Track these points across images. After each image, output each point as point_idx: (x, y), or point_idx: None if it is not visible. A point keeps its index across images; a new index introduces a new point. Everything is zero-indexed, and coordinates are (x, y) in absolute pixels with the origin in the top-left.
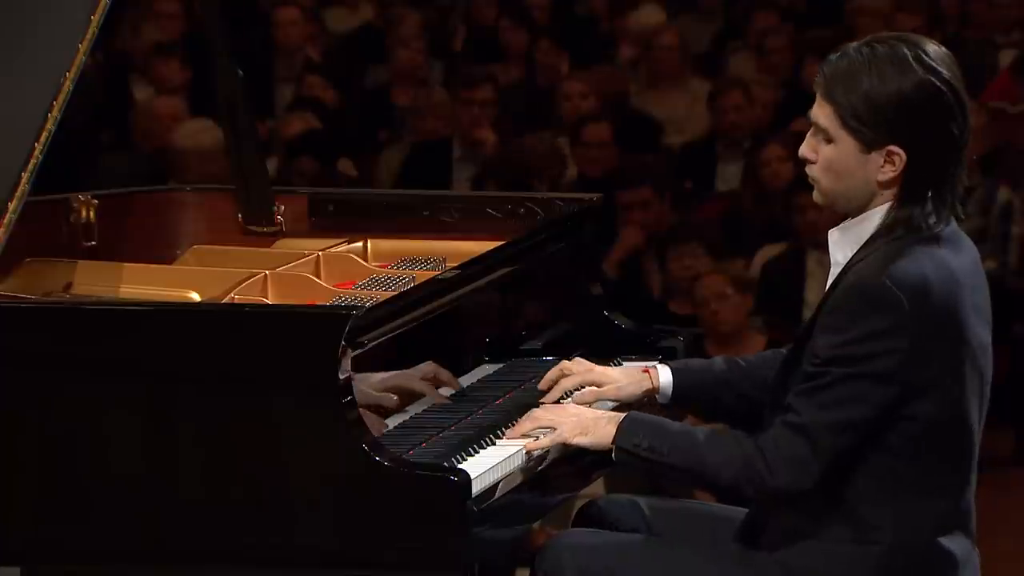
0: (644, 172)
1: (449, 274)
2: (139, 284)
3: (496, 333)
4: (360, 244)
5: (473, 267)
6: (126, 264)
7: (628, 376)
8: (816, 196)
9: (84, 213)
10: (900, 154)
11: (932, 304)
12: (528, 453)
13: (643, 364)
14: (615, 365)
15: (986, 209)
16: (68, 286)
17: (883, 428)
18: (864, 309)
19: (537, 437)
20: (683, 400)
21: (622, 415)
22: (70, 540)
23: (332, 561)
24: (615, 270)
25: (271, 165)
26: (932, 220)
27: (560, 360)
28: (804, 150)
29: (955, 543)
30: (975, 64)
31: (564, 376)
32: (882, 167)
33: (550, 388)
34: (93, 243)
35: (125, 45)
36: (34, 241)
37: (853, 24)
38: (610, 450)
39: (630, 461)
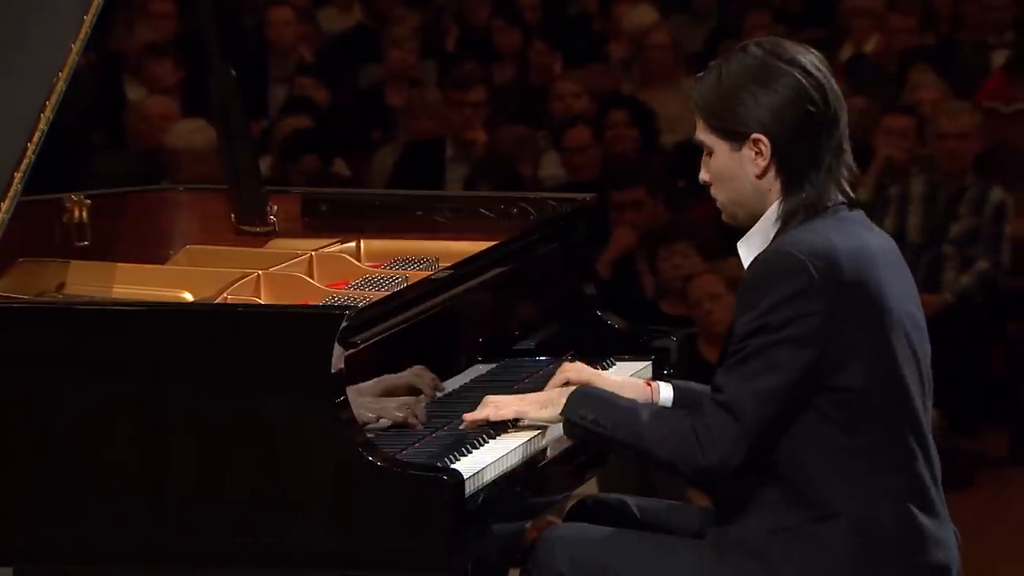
0: (637, 172)
1: (442, 274)
2: (132, 284)
3: (489, 333)
4: (353, 244)
5: (466, 267)
6: (119, 264)
7: (630, 385)
8: (724, 217)
9: (77, 213)
10: (763, 139)
11: (841, 269)
12: (519, 447)
13: (646, 378)
14: (608, 365)
15: (979, 209)
16: (61, 286)
17: (818, 400)
18: (770, 279)
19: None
20: None
21: (575, 388)
22: (63, 540)
23: (326, 561)
24: (608, 270)
25: (265, 165)
26: (820, 199)
27: (554, 361)
28: (701, 175)
29: (925, 519)
30: (968, 65)
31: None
32: (754, 160)
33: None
34: (86, 243)
35: (119, 45)
36: (27, 241)
37: (846, 25)
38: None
39: (577, 433)
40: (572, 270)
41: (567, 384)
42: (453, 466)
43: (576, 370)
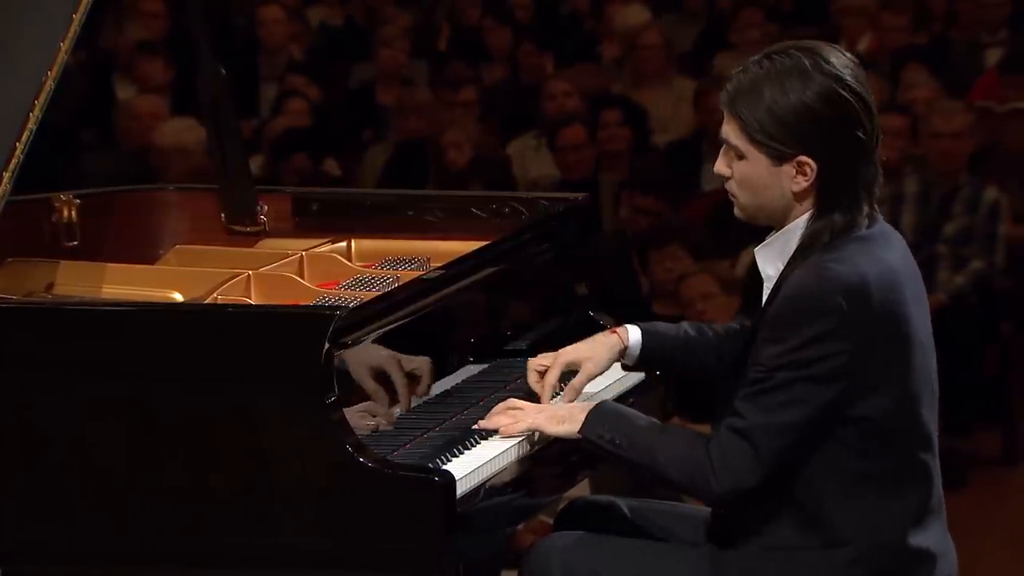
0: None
1: (433, 274)
2: (121, 284)
3: (481, 333)
4: (344, 244)
5: (457, 267)
6: (108, 264)
7: (598, 344)
8: (737, 212)
9: (66, 213)
10: (810, 164)
11: (872, 302)
12: (511, 448)
13: (629, 391)
14: None
15: (973, 209)
16: (50, 286)
17: (838, 429)
18: (804, 317)
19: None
20: (648, 361)
21: (593, 404)
22: (53, 541)
23: (316, 562)
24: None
25: (255, 164)
26: (851, 223)
27: None
28: (719, 166)
29: (929, 536)
30: (961, 64)
31: (541, 378)
32: (795, 178)
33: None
34: (75, 243)
35: (108, 43)
36: (16, 241)
37: (839, 23)
38: (579, 439)
39: (595, 452)
40: (564, 270)
41: (551, 382)
42: (445, 467)
43: (547, 364)
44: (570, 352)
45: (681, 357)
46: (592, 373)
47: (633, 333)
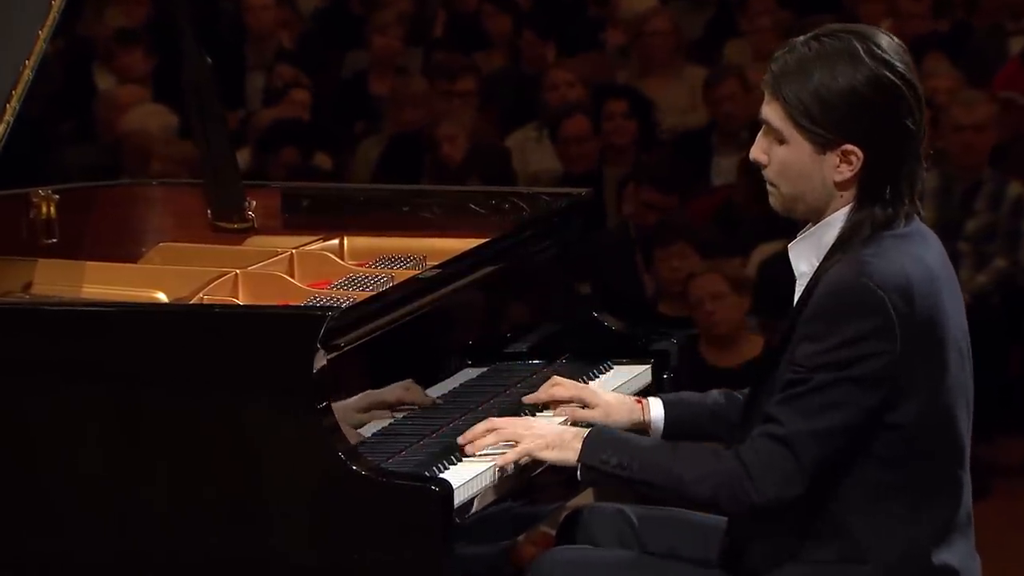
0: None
1: (429, 273)
2: (102, 284)
3: (479, 336)
4: (336, 242)
5: (455, 266)
6: (89, 263)
7: (619, 402)
8: (773, 203)
9: (44, 209)
10: (856, 152)
11: (915, 302)
12: (502, 467)
13: (636, 395)
14: (605, 369)
15: (996, 204)
16: (28, 286)
17: (870, 437)
18: (846, 313)
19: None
20: (675, 435)
21: (587, 431)
22: (36, 546)
23: (308, 573)
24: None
25: (242, 158)
26: (892, 217)
27: (547, 364)
28: (755, 152)
29: (953, 553)
30: (984, 52)
31: (555, 387)
32: (838, 167)
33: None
34: (54, 240)
35: (87, 31)
36: None
37: (855, 10)
38: (576, 468)
39: (598, 479)
40: (566, 269)
41: (556, 397)
42: (442, 475)
43: (565, 384)
44: (592, 392)
45: (710, 427)
46: (595, 419)
47: (656, 409)
